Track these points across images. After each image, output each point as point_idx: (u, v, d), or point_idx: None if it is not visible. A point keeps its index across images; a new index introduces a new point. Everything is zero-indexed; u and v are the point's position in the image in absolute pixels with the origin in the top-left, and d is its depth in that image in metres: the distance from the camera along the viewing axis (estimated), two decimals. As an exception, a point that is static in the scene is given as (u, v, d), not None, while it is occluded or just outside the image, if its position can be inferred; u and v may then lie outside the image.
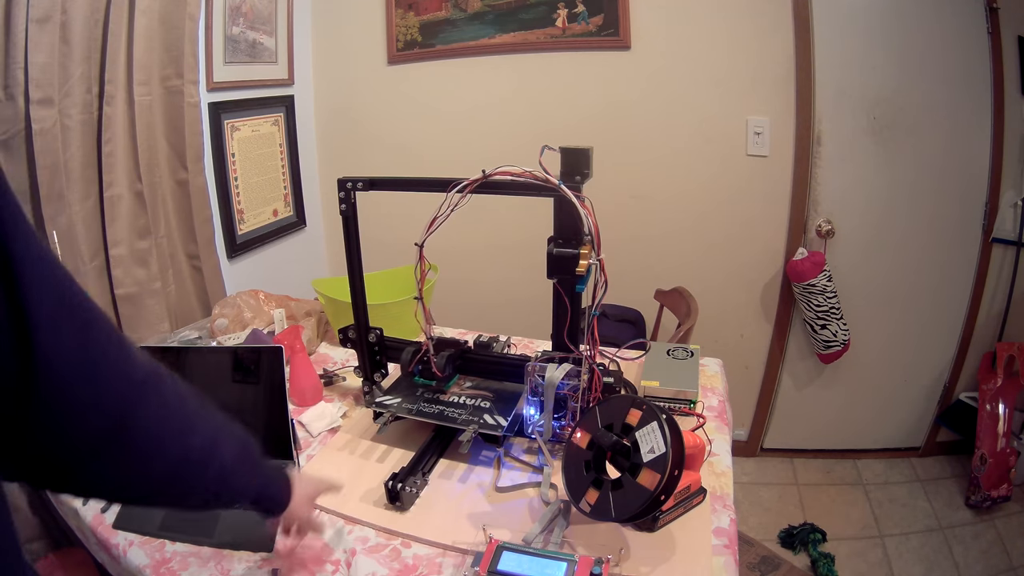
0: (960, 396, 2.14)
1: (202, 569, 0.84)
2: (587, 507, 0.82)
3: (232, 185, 1.93)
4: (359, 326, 1.18)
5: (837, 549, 1.82)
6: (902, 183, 1.92)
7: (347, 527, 0.91)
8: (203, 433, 0.56)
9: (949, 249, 1.99)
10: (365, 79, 2.27)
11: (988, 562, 1.78)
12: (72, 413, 0.43)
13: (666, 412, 0.81)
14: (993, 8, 1.73)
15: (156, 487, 0.53)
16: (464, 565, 0.82)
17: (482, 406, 1.06)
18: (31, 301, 0.38)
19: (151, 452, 0.50)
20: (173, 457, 0.53)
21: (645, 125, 2.04)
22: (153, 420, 0.50)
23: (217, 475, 0.59)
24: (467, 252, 2.27)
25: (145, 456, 0.50)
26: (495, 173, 0.92)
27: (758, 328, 2.16)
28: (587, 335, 0.96)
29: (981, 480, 1.93)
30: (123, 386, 0.47)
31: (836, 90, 1.85)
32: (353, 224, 1.10)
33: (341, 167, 2.20)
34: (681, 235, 2.13)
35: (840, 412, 2.24)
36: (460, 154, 2.23)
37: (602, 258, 0.90)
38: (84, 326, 0.44)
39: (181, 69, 1.60)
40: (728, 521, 0.90)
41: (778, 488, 2.15)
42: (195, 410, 0.56)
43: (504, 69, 2.11)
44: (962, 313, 2.05)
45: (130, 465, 0.49)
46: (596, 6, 1.94)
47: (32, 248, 0.39)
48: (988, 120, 1.83)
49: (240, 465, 0.62)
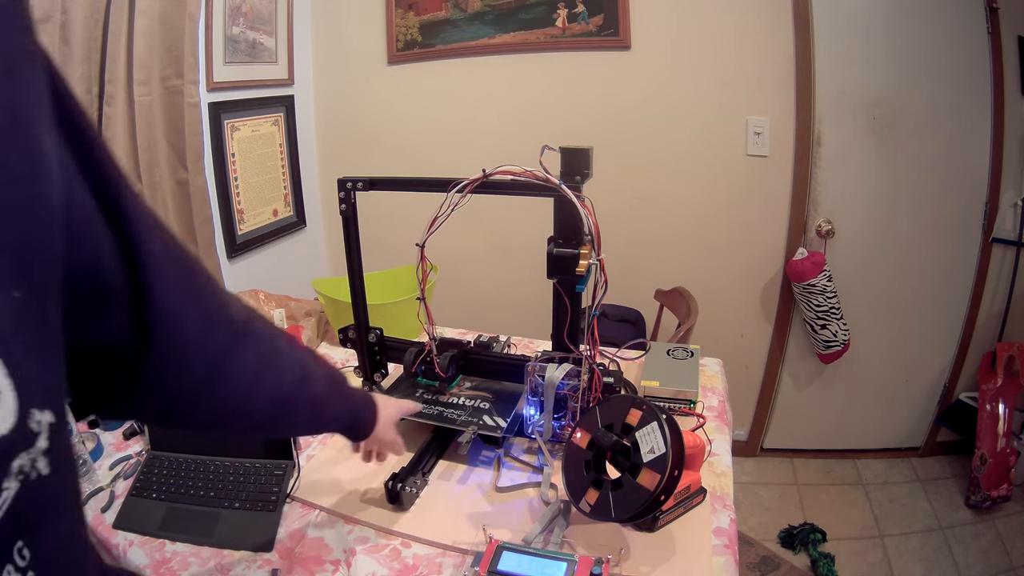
0: (960, 396, 2.14)
1: (202, 569, 0.84)
2: (587, 507, 0.82)
3: (232, 185, 1.93)
4: (359, 326, 1.18)
5: (837, 549, 1.82)
6: (902, 183, 1.92)
7: (347, 527, 0.91)
8: (294, 368, 0.60)
9: (949, 249, 1.99)
10: (365, 79, 2.27)
11: (988, 562, 1.78)
12: (183, 351, 0.46)
13: (666, 412, 0.81)
14: (993, 8, 1.73)
15: (259, 419, 0.58)
16: (464, 565, 0.82)
17: (481, 407, 1.06)
18: (142, 245, 0.40)
19: (252, 387, 0.55)
20: (270, 391, 0.57)
21: (645, 125, 2.04)
22: (252, 357, 0.54)
23: (310, 405, 0.63)
24: (467, 252, 2.27)
25: (247, 390, 0.54)
26: (495, 173, 0.92)
27: (758, 328, 2.16)
28: (587, 335, 0.96)
29: (981, 480, 1.93)
30: (225, 327, 0.51)
31: (836, 90, 1.85)
32: (353, 224, 1.10)
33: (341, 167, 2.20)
34: (681, 235, 2.13)
35: (840, 412, 2.23)
36: (460, 154, 2.23)
37: (602, 258, 0.90)
38: (188, 272, 0.47)
39: (181, 69, 1.60)
40: (728, 521, 0.90)
41: (778, 488, 2.15)
42: (285, 347, 0.60)
43: (504, 69, 2.11)
44: (962, 313, 2.05)
45: (234, 399, 0.54)
46: (596, 6, 1.94)
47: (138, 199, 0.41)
48: (988, 120, 1.83)
49: (329, 394, 0.67)
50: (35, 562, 0.27)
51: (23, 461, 0.27)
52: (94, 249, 0.38)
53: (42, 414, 0.28)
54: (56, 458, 0.29)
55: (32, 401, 0.27)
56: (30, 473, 0.27)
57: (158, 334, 0.43)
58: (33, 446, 0.27)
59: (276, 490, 0.95)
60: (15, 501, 0.26)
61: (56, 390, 0.31)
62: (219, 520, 0.91)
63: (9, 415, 0.26)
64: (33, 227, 0.30)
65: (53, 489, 0.29)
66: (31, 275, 0.29)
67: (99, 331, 0.41)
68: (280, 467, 0.99)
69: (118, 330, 0.41)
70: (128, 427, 1.14)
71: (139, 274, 0.40)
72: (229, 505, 0.93)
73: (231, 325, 0.52)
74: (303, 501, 0.96)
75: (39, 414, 0.28)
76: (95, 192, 0.37)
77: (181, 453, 1.02)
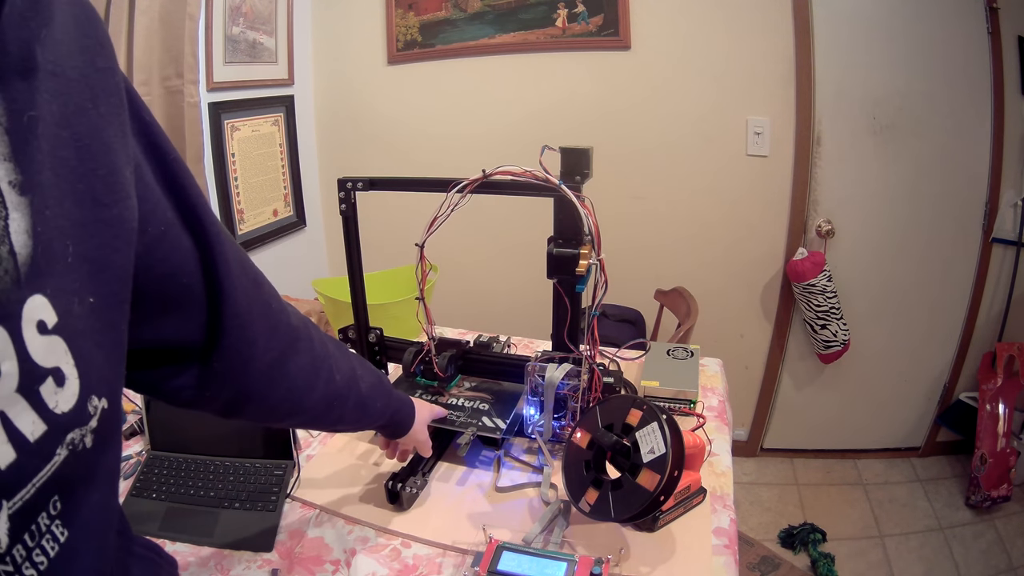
0: (960, 396, 2.14)
1: (202, 569, 0.84)
2: (586, 507, 0.82)
3: (232, 185, 1.93)
4: (359, 326, 1.18)
5: (837, 549, 1.82)
6: (902, 183, 1.92)
7: (347, 527, 0.91)
8: (344, 368, 0.66)
9: (949, 249, 1.99)
10: (365, 79, 2.27)
11: (988, 562, 1.78)
12: (251, 352, 0.52)
13: (666, 413, 0.81)
14: (993, 8, 1.73)
15: (313, 414, 0.64)
16: (464, 565, 0.82)
17: (480, 408, 1.06)
18: (218, 250, 0.45)
19: (308, 383, 0.60)
20: (323, 388, 0.62)
21: (645, 125, 2.04)
22: (307, 357, 0.59)
23: (357, 402, 0.69)
24: (467, 252, 2.27)
25: (304, 386, 0.60)
26: (495, 173, 0.92)
27: (758, 328, 2.16)
28: (587, 335, 0.96)
29: (981, 480, 1.93)
30: (285, 331, 0.56)
31: (836, 90, 1.85)
32: (353, 224, 1.10)
33: (341, 167, 2.21)
34: (681, 235, 2.13)
35: (840, 412, 2.23)
36: (460, 154, 2.23)
37: (602, 258, 0.90)
38: (256, 280, 0.52)
39: (181, 69, 1.60)
40: (728, 521, 0.90)
41: (778, 488, 2.15)
42: (335, 350, 0.66)
43: (504, 69, 2.11)
44: (962, 313, 2.05)
45: (292, 397, 0.59)
46: (596, 6, 1.94)
47: (210, 209, 0.46)
48: (988, 120, 1.83)
49: (374, 394, 0.73)
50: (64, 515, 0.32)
51: (75, 435, 0.32)
52: (176, 254, 0.43)
53: (100, 401, 0.33)
54: (101, 438, 0.34)
55: (92, 389, 0.32)
56: (78, 445, 0.32)
57: (229, 334, 0.48)
58: (86, 425, 0.32)
59: (276, 490, 0.95)
60: (63, 465, 0.31)
61: (115, 383, 0.36)
62: (219, 520, 0.91)
63: (72, 397, 0.31)
64: (110, 244, 0.34)
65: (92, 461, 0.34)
66: (106, 285, 0.34)
67: (177, 329, 0.46)
68: (280, 467, 0.99)
69: (194, 329, 0.46)
70: (128, 427, 1.14)
71: (216, 278, 0.45)
72: (229, 505, 0.93)
73: (290, 330, 0.57)
74: (303, 501, 0.96)
75: (97, 400, 0.33)
76: (176, 204, 0.42)
77: (181, 453, 1.02)
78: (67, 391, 0.31)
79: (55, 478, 0.30)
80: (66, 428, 0.31)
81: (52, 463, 0.30)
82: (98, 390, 0.33)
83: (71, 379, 0.31)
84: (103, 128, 0.34)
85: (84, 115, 0.33)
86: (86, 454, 0.33)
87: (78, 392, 0.31)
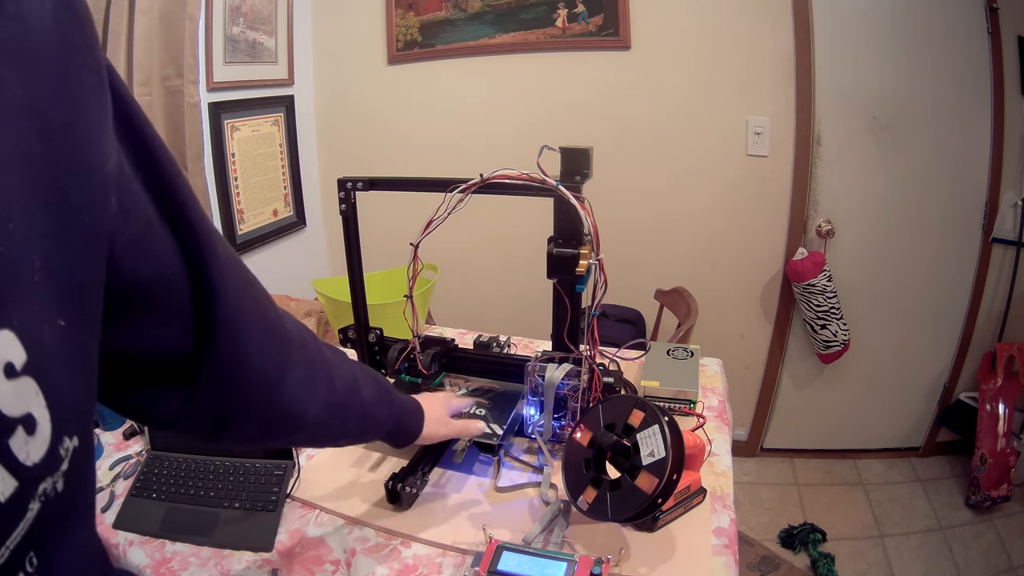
0: (960, 396, 2.14)
1: (202, 569, 0.84)
2: (584, 505, 0.82)
3: (232, 185, 1.93)
4: (359, 326, 1.18)
5: (837, 549, 1.82)
6: (902, 183, 1.92)
7: (347, 527, 0.91)
8: (344, 376, 0.62)
9: (949, 249, 1.99)
10: (365, 79, 2.27)
11: (988, 562, 1.78)
12: (244, 361, 0.46)
13: (668, 415, 0.81)
14: (993, 8, 1.72)
15: (310, 431, 0.59)
16: (464, 565, 0.82)
17: (477, 413, 1.06)
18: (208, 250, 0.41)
19: (307, 396, 0.55)
20: (323, 400, 0.58)
21: (645, 125, 2.04)
22: (305, 369, 0.55)
23: (358, 413, 0.65)
24: (467, 252, 2.27)
25: (303, 400, 0.55)
26: (492, 178, 0.92)
27: (758, 328, 2.16)
28: (587, 335, 0.96)
29: (981, 480, 1.93)
30: (281, 338, 0.51)
31: (836, 90, 1.85)
32: (353, 224, 1.10)
33: (341, 167, 2.21)
34: (681, 235, 2.13)
35: (840, 412, 2.23)
36: (460, 154, 2.23)
37: (602, 258, 0.90)
38: (250, 282, 0.47)
39: (181, 69, 1.60)
40: (728, 521, 0.90)
41: (778, 488, 2.15)
42: (333, 358, 0.61)
43: (504, 69, 2.11)
44: (962, 313, 2.05)
45: (291, 409, 0.54)
46: (596, 6, 1.94)
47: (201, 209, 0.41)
48: (988, 120, 1.83)
49: (376, 402, 0.68)
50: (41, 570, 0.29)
51: (47, 484, 0.28)
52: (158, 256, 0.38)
53: (71, 440, 0.29)
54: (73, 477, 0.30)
55: (64, 429, 0.28)
56: (50, 494, 0.28)
57: (221, 341, 0.43)
58: (58, 470, 0.28)
59: (276, 490, 0.95)
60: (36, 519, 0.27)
61: (86, 415, 0.32)
62: (219, 520, 0.91)
63: (44, 443, 0.27)
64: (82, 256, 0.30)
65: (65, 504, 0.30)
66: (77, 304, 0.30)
67: (160, 339, 0.41)
68: (280, 467, 0.99)
69: (179, 338, 0.42)
70: (128, 427, 1.14)
71: (205, 279, 0.41)
72: (229, 505, 0.94)
73: (287, 338, 0.52)
74: (303, 501, 0.96)
75: (68, 441, 0.29)
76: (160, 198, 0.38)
77: (181, 453, 1.02)
78: (38, 438, 0.27)
79: (29, 534, 0.27)
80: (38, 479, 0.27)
81: (25, 520, 0.27)
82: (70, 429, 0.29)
83: (43, 423, 0.27)
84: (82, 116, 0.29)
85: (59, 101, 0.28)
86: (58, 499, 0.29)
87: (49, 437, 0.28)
